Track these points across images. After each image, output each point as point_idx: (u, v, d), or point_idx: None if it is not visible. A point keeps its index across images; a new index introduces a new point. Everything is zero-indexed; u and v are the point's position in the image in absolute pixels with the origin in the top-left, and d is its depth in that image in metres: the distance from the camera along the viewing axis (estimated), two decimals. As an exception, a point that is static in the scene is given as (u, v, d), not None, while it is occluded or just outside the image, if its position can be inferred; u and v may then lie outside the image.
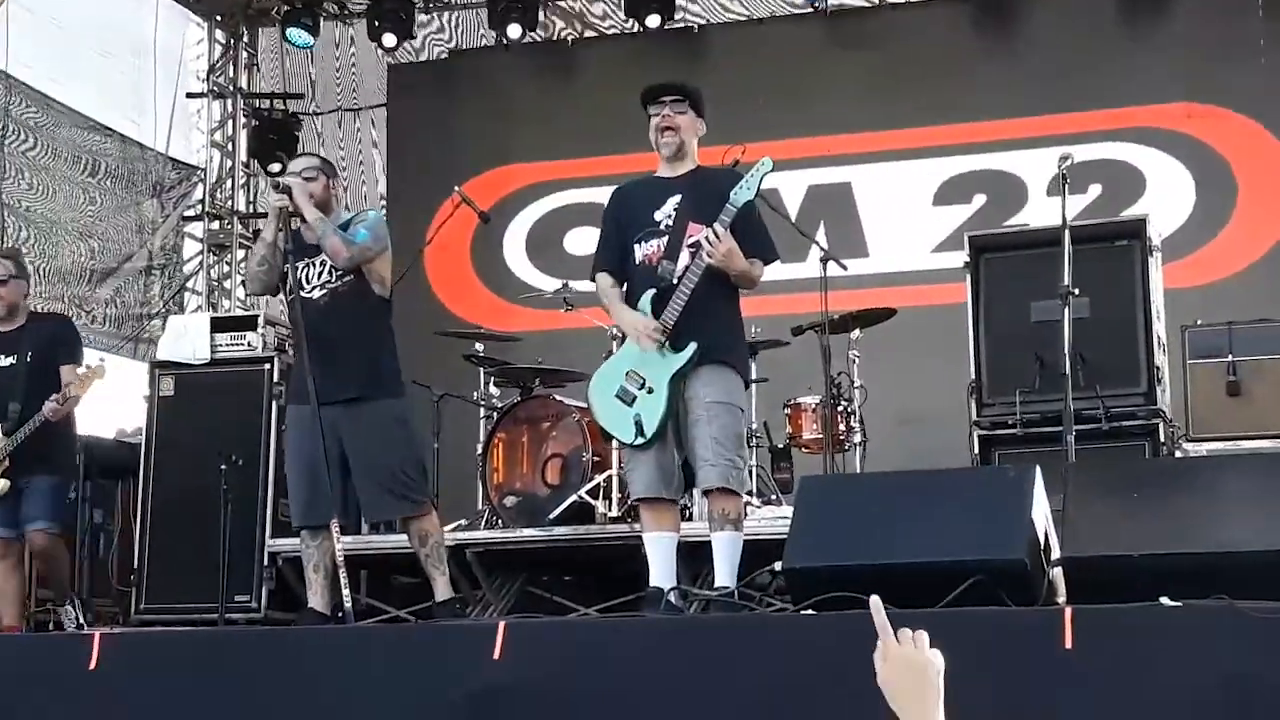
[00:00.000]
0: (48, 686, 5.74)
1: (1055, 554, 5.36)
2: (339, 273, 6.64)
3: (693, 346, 5.93)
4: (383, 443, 6.59)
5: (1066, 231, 6.68)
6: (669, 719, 4.97)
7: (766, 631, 5.30)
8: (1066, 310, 6.56)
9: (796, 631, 5.18)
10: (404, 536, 7.38)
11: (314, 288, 6.67)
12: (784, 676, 4.93)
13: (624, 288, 6.23)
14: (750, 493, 7.35)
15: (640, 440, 6.05)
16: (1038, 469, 5.40)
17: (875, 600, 2.65)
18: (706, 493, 6.02)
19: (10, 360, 7.75)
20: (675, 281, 5.97)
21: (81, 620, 7.92)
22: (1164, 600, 4.62)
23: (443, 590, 6.73)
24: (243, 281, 11.85)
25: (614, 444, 7.35)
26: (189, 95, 12.79)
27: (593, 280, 6.36)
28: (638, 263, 6.12)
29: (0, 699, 5.75)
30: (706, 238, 5.91)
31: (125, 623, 8.57)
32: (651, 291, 6.01)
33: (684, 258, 6.02)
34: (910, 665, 2.57)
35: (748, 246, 6.03)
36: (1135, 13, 10.98)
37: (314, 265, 6.67)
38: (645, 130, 6.34)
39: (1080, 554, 5.21)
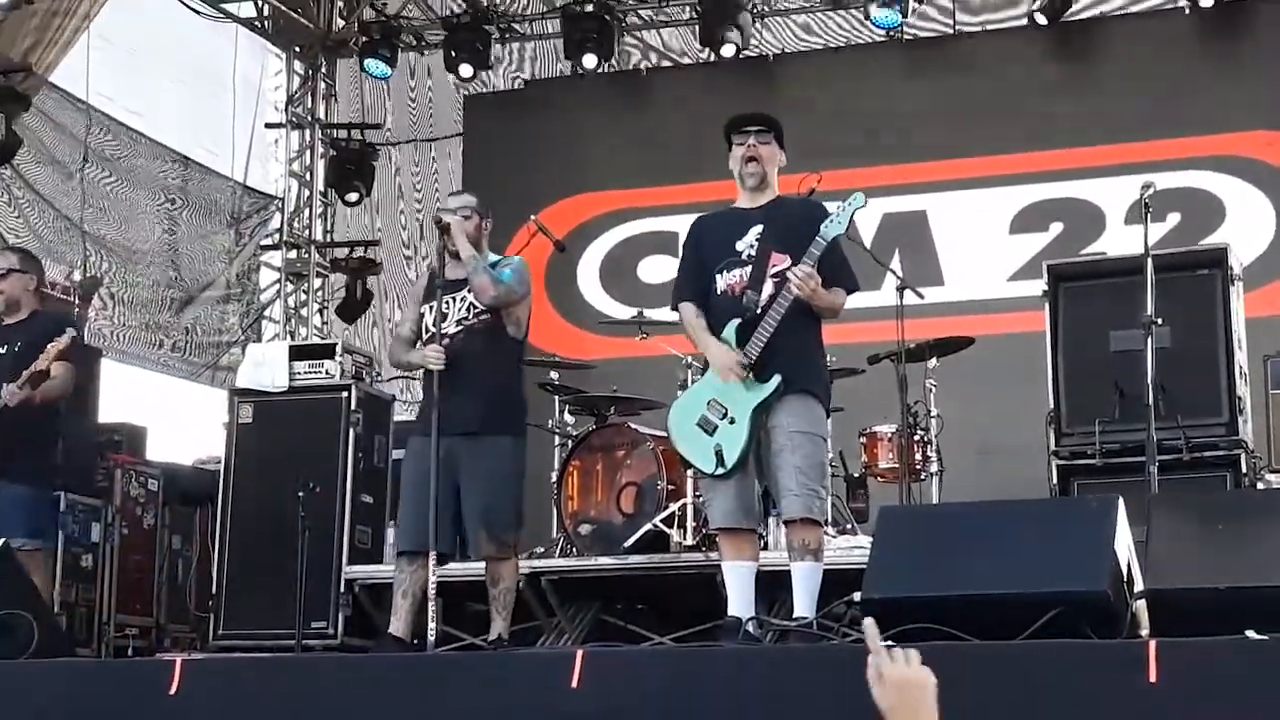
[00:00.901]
0: (128, 712, 5.77)
1: (1138, 586, 5.30)
2: (478, 310, 6.74)
3: (777, 379, 5.92)
4: (491, 478, 6.67)
5: (1149, 260, 6.62)
6: (747, 749, 4.94)
7: (846, 662, 5.24)
8: (1149, 340, 6.50)
9: (875, 662, 5.13)
10: (480, 564, 7.41)
11: (452, 323, 6.76)
12: (862, 709, 4.89)
13: (704, 317, 6.21)
14: (826, 522, 7.32)
15: (720, 470, 6.03)
16: (1120, 499, 5.34)
17: (869, 622, 2.74)
18: (788, 522, 5.99)
19: (1, 350, 7.63)
20: (759, 312, 5.96)
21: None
22: (1250, 634, 4.56)
23: (503, 629, 6.78)
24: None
25: (690, 472, 7.34)
26: (267, 125, 12.93)
27: (674, 310, 6.36)
28: (720, 292, 6.12)
29: (83, 724, 5.79)
30: (794, 273, 5.89)
31: (203, 648, 8.62)
32: (736, 322, 6.00)
33: (768, 288, 6.01)
34: (906, 685, 2.65)
35: (831, 276, 6.02)
36: (1215, 40, 10.92)
37: (455, 301, 6.78)
38: (719, 159, 6.34)
39: (1164, 586, 5.14)
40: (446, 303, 6.78)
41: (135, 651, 9.12)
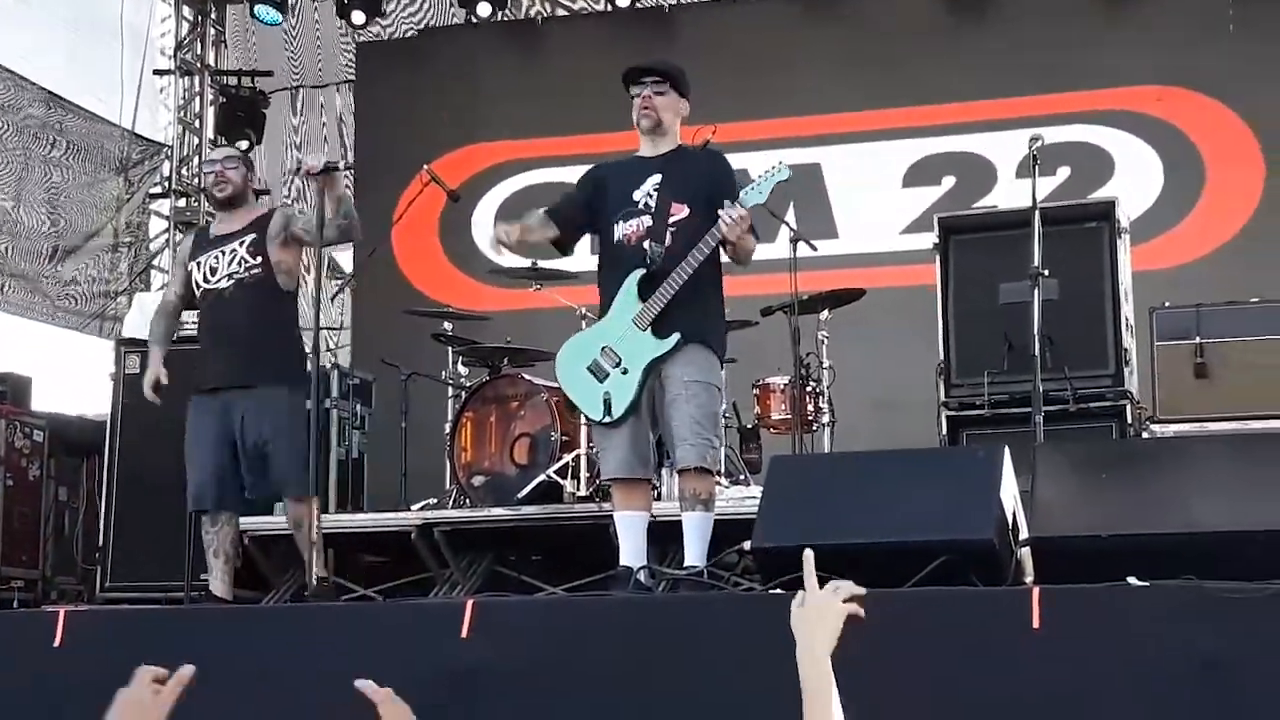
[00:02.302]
0: (12, 664, 5.70)
1: (1023, 534, 5.37)
2: (247, 264, 6.76)
3: (676, 337, 5.94)
4: (270, 427, 6.71)
5: (1036, 213, 6.68)
6: (638, 697, 4.95)
7: (735, 611, 5.28)
8: (1036, 292, 6.57)
9: (765, 610, 5.16)
10: (372, 515, 7.38)
11: (221, 278, 6.79)
12: (753, 655, 4.93)
13: (550, 228, 6.29)
14: (719, 473, 7.35)
15: (607, 419, 6.06)
16: (1006, 449, 5.40)
17: (807, 554, 2.82)
18: (682, 472, 6.00)
19: None
20: (658, 262, 5.95)
21: None
22: (1131, 580, 4.63)
23: (320, 569, 6.70)
24: None
25: (582, 422, 7.35)
26: (156, 72, 12.72)
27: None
28: (617, 240, 6.11)
29: (-36, 676, 5.71)
30: (728, 214, 5.87)
31: (90, 600, 8.53)
32: (640, 272, 5.99)
33: (667, 239, 6.01)
34: (817, 609, 2.76)
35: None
36: (1106, -5, 10.99)
37: (224, 255, 6.79)
38: (616, 110, 6.37)
39: (1048, 534, 5.21)
40: (215, 257, 6.80)
41: (21, 604, 8.98)
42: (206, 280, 6.81)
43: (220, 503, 6.79)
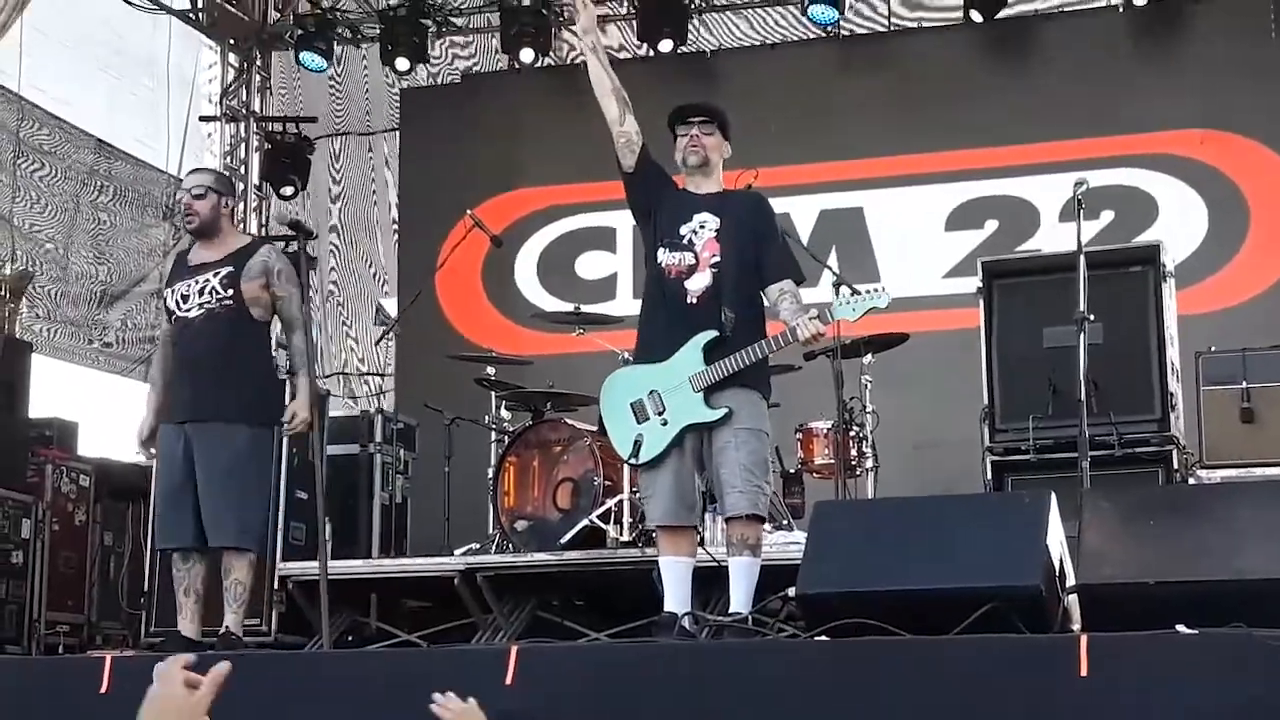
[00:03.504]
0: (59, 711, 5.72)
1: (1070, 581, 5.33)
2: (218, 295, 6.62)
3: (724, 412, 5.96)
4: (225, 466, 6.53)
5: (1081, 257, 6.66)
6: (682, 745, 4.93)
7: (780, 658, 5.26)
8: (1081, 336, 6.54)
9: (810, 658, 5.15)
10: (415, 560, 7.36)
11: (191, 306, 6.66)
12: (797, 703, 4.91)
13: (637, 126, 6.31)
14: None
15: (632, 461, 6.16)
16: (1053, 495, 5.37)
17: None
18: (732, 519, 5.99)
19: None
20: (728, 328, 5.98)
21: None
22: (1180, 628, 4.59)
23: (234, 624, 6.66)
24: None
25: (625, 468, 7.34)
26: (202, 118, 12.82)
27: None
28: (662, 265, 6.14)
29: (11, 722, 5.73)
30: (807, 326, 5.94)
31: (134, 646, 8.55)
32: (712, 335, 6.00)
33: (705, 278, 6.05)
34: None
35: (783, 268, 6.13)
36: (1149, 39, 10.99)
37: (194, 285, 6.67)
38: (659, 155, 6.36)
39: (1095, 581, 5.17)
40: (189, 285, 6.67)
41: (65, 649, 9.04)
42: (178, 307, 6.66)
43: (188, 540, 6.58)
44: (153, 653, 7.14)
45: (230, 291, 6.61)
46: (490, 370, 8.81)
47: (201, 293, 6.63)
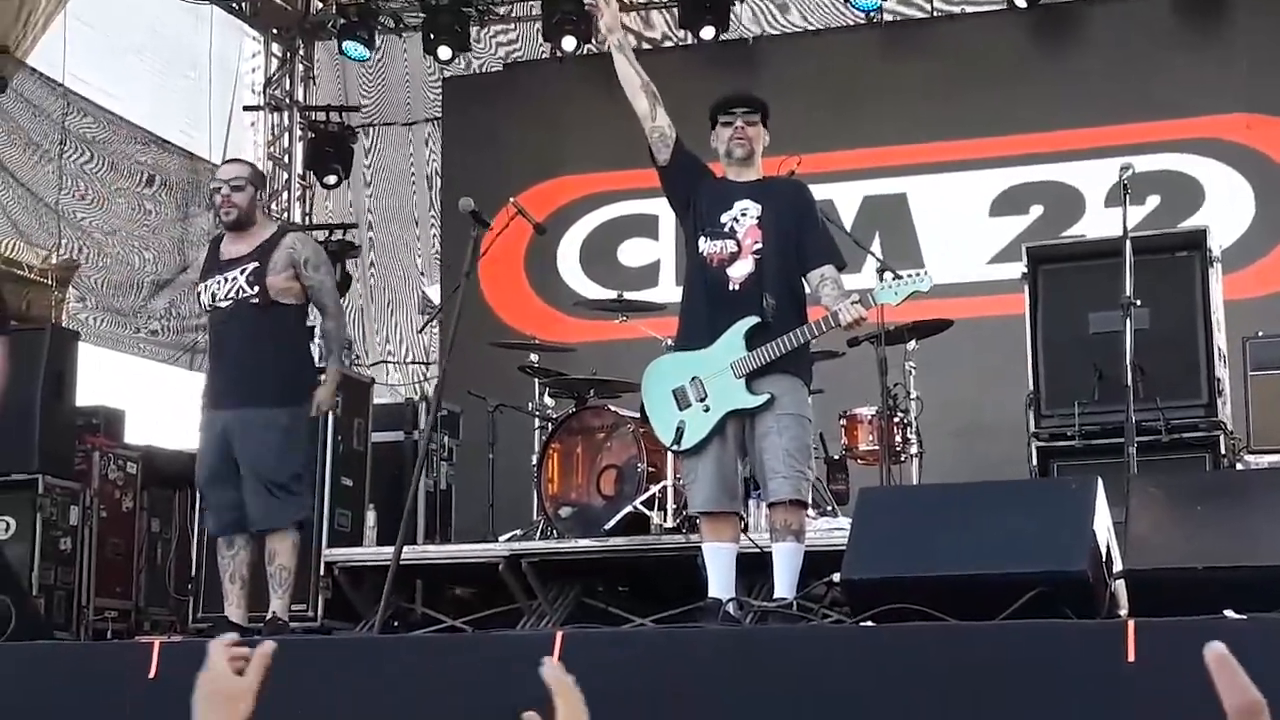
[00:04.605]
0: (109, 695, 5.76)
1: (1117, 566, 5.32)
2: (245, 293, 6.68)
3: (766, 397, 5.94)
4: (263, 451, 6.60)
5: (1128, 242, 6.63)
6: (727, 730, 4.94)
7: (825, 643, 5.27)
8: (1128, 321, 6.51)
9: (855, 643, 5.15)
10: (460, 547, 7.36)
11: (221, 300, 6.74)
12: (842, 689, 4.91)
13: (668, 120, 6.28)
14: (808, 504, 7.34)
15: (674, 448, 6.19)
16: (1100, 480, 5.35)
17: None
18: (774, 504, 5.99)
19: None
20: (769, 315, 5.96)
21: None
22: (1228, 613, 4.57)
23: (280, 609, 6.70)
24: None
25: (668, 455, 7.35)
26: (246, 108, 12.88)
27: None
28: (703, 254, 6.14)
29: (62, 707, 5.78)
30: (850, 311, 5.89)
31: (182, 631, 8.61)
32: (754, 321, 5.99)
33: (747, 265, 6.04)
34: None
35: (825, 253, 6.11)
36: (1194, 23, 10.92)
37: (224, 281, 6.72)
38: (700, 142, 6.35)
39: (1143, 566, 5.17)
40: (219, 282, 6.73)
41: (114, 635, 9.09)
42: (211, 301, 6.76)
43: (233, 526, 6.67)
44: (200, 638, 7.19)
45: (256, 289, 6.67)
46: (534, 357, 8.83)
47: (230, 291, 6.70)
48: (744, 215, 6.11)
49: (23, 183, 10.91)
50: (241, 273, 6.68)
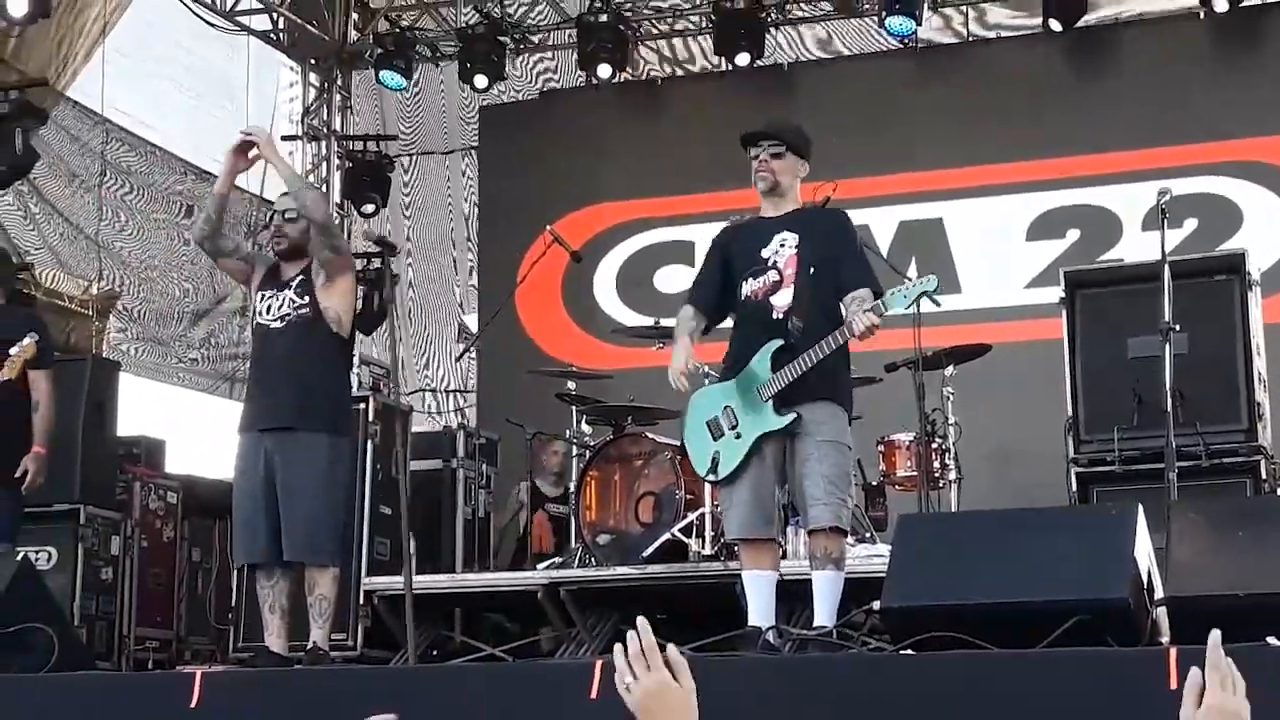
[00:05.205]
0: (150, 725, 5.79)
1: (1159, 593, 5.29)
2: (295, 304, 6.66)
3: (793, 416, 5.93)
4: (305, 478, 6.53)
5: (1166, 266, 6.60)
6: (768, 759, 4.93)
7: (865, 672, 5.25)
8: (1166, 346, 6.48)
9: (896, 671, 5.13)
10: (498, 574, 7.35)
11: (273, 318, 6.71)
12: (884, 717, 4.89)
13: (703, 324, 6.31)
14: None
15: (711, 478, 6.17)
16: (1140, 506, 5.33)
17: (642, 621, 2.62)
18: (814, 531, 5.98)
19: None
20: (796, 336, 5.95)
21: None
22: (1271, 640, 4.54)
23: (320, 639, 6.65)
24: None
25: (706, 482, 7.34)
26: (283, 138, 12.92)
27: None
28: (744, 297, 6.14)
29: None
30: (860, 322, 5.85)
31: (223, 660, 8.63)
32: (778, 344, 5.99)
33: (789, 295, 6.04)
34: (658, 693, 2.55)
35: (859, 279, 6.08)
36: (1230, 45, 10.90)
37: (278, 297, 6.72)
38: (735, 168, 6.40)
39: (1184, 593, 5.13)
40: (273, 296, 6.72)
41: (155, 664, 9.14)
42: (262, 316, 6.74)
43: (269, 556, 6.57)
44: (241, 667, 7.22)
45: (306, 299, 6.66)
46: (571, 385, 8.84)
47: (283, 304, 6.70)
48: (783, 246, 6.11)
49: (63, 214, 11.00)
50: (291, 286, 6.70)
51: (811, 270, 6.04)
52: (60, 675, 6.34)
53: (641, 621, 2.56)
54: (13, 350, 6.97)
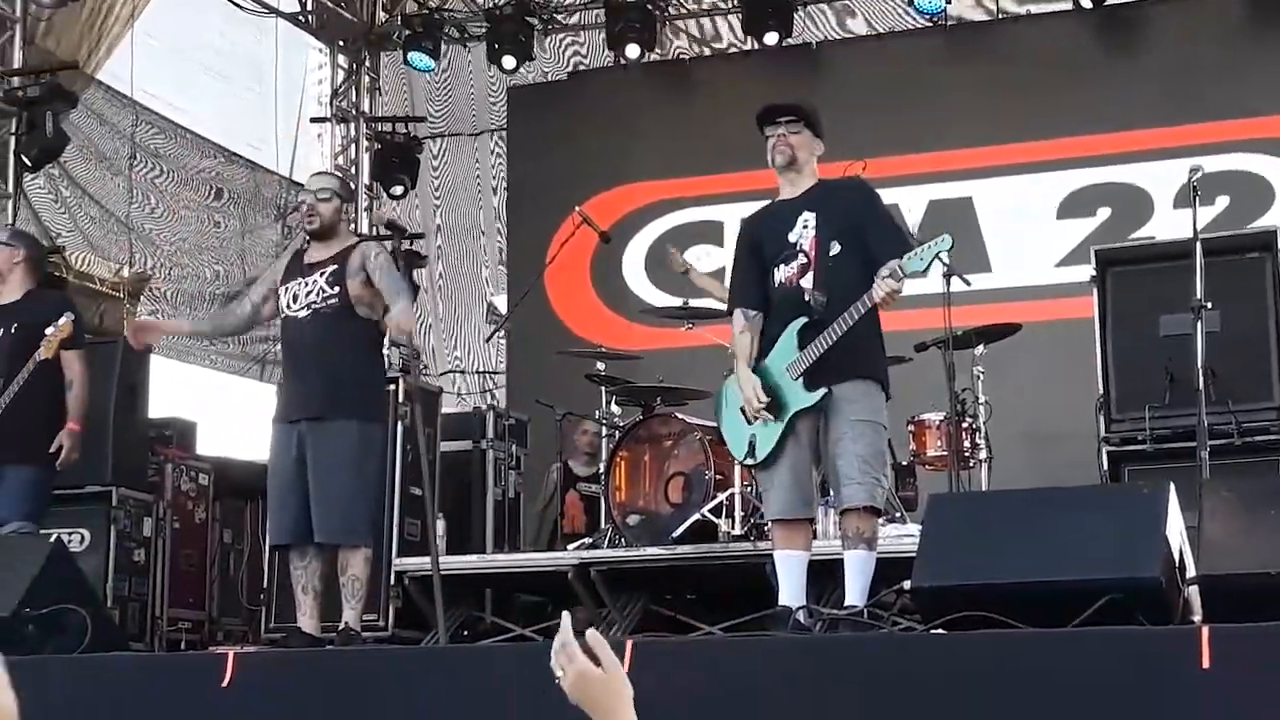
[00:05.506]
0: (183, 705, 5.82)
1: (1190, 572, 5.27)
2: (325, 294, 6.70)
3: (823, 392, 5.91)
4: (337, 462, 6.59)
5: (1198, 244, 6.57)
6: (798, 739, 4.93)
7: (896, 651, 5.25)
8: (1199, 324, 6.45)
9: (927, 652, 5.13)
10: (528, 555, 7.35)
11: (300, 307, 6.74)
12: (914, 697, 4.89)
13: (758, 325, 6.18)
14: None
15: (750, 461, 6.15)
16: (1171, 485, 5.31)
17: (565, 616, 2.59)
18: (848, 510, 5.97)
19: None
20: (820, 311, 5.92)
21: None
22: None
23: (352, 619, 6.69)
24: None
25: (736, 462, 7.34)
26: (312, 120, 12.97)
27: (729, 315, 6.38)
28: (778, 284, 6.12)
29: (137, 717, 5.83)
30: (882, 287, 5.80)
31: (254, 641, 8.67)
32: (803, 321, 5.97)
33: (813, 277, 6.00)
34: (585, 684, 2.51)
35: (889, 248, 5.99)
36: (1262, 21, 10.82)
37: (304, 284, 6.75)
38: (763, 148, 6.33)
39: (1216, 572, 5.12)
40: (300, 284, 6.75)
41: (188, 645, 9.18)
42: (289, 307, 6.77)
43: (302, 537, 6.65)
44: (274, 648, 7.25)
45: (336, 289, 6.69)
46: (600, 366, 8.84)
47: (310, 294, 6.72)
48: (806, 228, 6.08)
49: (94, 197, 11.04)
50: (321, 274, 6.72)
51: (832, 248, 6.01)
52: (94, 656, 6.39)
53: (564, 616, 2.58)
54: (48, 330, 7.08)
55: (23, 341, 7.24)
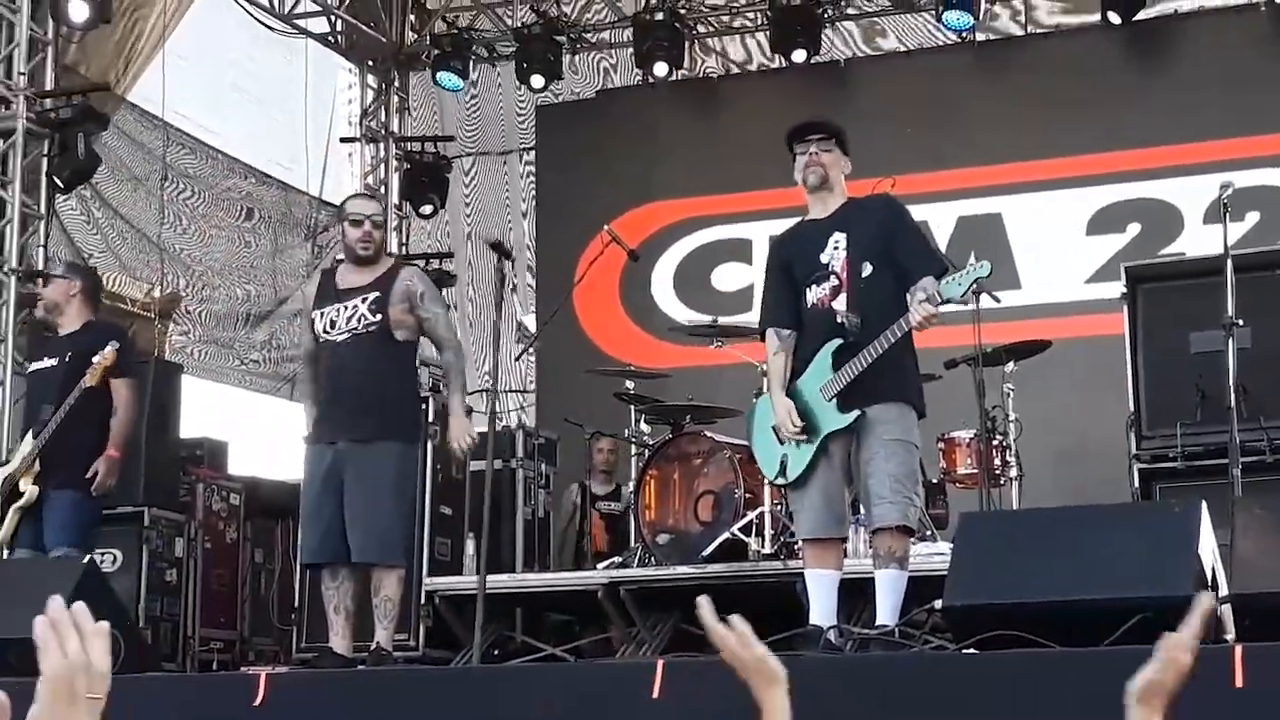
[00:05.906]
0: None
1: (1223, 590, 5.25)
2: (367, 321, 6.71)
3: (856, 414, 5.91)
4: (374, 484, 6.61)
5: (1229, 260, 6.55)
6: (830, 759, 4.92)
7: (928, 671, 5.24)
8: (1230, 341, 6.43)
9: (959, 671, 5.12)
10: (558, 574, 7.35)
11: (340, 332, 6.75)
12: (946, 716, 4.88)
13: (792, 344, 6.18)
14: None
15: (781, 481, 6.18)
16: (1203, 503, 5.29)
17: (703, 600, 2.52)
18: (879, 530, 5.96)
19: (51, 363, 7.58)
20: (855, 333, 5.92)
21: None
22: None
23: (384, 640, 6.71)
24: None
25: (766, 480, 7.34)
26: (342, 140, 13.02)
27: (761, 338, 6.38)
28: (810, 306, 6.11)
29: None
30: (919, 312, 5.79)
31: (286, 661, 8.69)
32: (837, 343, 5.97)
33: (845, 299, 6.01)
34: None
35: (921, 266, 6.00)
36: (1291, 35, 10.79)
37: (343, 310, 6.75)
38: (792, 166, 6.33)
39: (1249, 590, 5.10)
40: (338, 310, 6.75)
41: (219, 665, 9.20)
42: (326, 332, 6.76)
43: (335, 557, 6.66)
44: (305, 668, 7.26)
45: (379, 317, 6.71)
46: (629, 384, 8.85)
47: (350, 319, 6.73)
48: (837, 249, 6.07)
49: (126, 217, 11.09)
50: (363, 301, 6.73)
51: (864, 269, 6.01)
52: (126, 676, 6.39)
53: (701, 600, 2.53)
54: (95, 358, 7.24)
55: (76, 372, 7.34)
